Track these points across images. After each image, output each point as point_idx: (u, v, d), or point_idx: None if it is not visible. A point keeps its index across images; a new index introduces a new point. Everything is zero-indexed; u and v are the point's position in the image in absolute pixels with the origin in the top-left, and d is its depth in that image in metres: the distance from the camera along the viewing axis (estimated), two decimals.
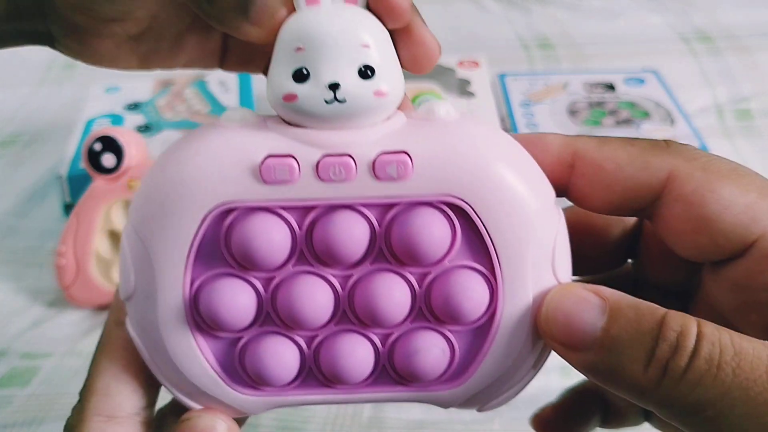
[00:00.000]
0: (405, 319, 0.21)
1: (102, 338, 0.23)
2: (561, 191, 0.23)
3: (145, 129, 0.55)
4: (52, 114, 0.68)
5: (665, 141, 0.22)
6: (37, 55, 0.76)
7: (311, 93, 0.19)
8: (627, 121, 0.54)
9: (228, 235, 0.20)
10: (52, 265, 0.49)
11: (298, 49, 0.20)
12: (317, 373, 0.22)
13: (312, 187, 0.20)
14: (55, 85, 0.73)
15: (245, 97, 0.58)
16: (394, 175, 0.20)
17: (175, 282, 0.21)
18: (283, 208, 0.20)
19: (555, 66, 0.71)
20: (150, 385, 0.23)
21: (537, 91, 0.58)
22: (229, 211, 0.20)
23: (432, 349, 0.21)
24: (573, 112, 0.55)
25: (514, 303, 0.21)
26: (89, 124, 0.56)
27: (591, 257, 0.25)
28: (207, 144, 0.20)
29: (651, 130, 0.53)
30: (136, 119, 0.56)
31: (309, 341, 0.21)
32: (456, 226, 0.20)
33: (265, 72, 0.22)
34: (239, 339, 0.21)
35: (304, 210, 0.20)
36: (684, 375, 0.18)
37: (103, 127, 0.52)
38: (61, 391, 0.43)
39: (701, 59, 0.70)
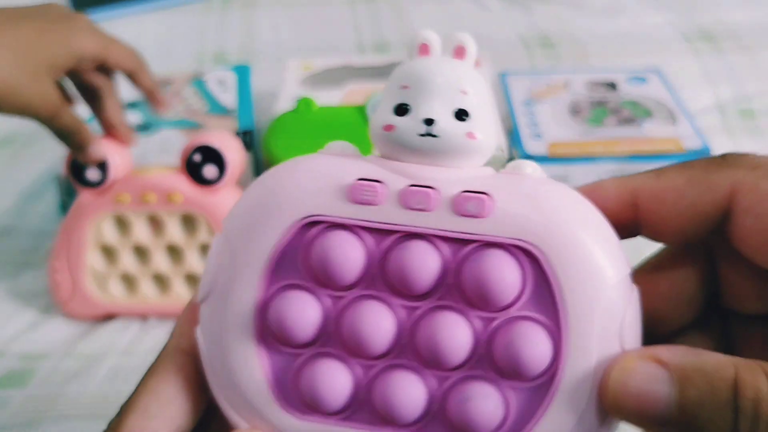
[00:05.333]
0: (463, 364, 0.21)
1: (156, 360, 0.23)
2: (632, 232, 0.23)
3: (142, 128, 0.55)
4: None
5: (723, 156, 0.22)
6: None
7: (408, 125, 0.21)
8: (629, 120, 0.53)
9: (308, 247, 0.21)
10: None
11: (404, 87, 0.21)
12: (367, 407, 0.21)
13: (394, 212, 0.21)
14: None
15: (243, 96, 0.57)
16: (473, 212, 0.20)
17: (250, 284, 0.21)
18: (363, 228, 0.21)
19: (557, 65, 0.70)
20: (191, 416, 0.23)
21: (539, 89, 0.57)
22: (313, 224, 0.21)
23: (485, 400, 0.21)
24: (575, 111, 0.55)
25: (577, 366, 0.20)
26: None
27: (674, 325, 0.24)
28: (305, 164, 0.22)
29: (653, 129, 0.52)
30: (133, 118, 0.56)
31: (365, 371, 0.21)
32: (527, 274, 0.20)
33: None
34: (297, 357, 0.22)
35: (382, 235, 0.21)
36: None
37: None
38: (59, 392, 0.42)
39: (704, 58, 0.69)
